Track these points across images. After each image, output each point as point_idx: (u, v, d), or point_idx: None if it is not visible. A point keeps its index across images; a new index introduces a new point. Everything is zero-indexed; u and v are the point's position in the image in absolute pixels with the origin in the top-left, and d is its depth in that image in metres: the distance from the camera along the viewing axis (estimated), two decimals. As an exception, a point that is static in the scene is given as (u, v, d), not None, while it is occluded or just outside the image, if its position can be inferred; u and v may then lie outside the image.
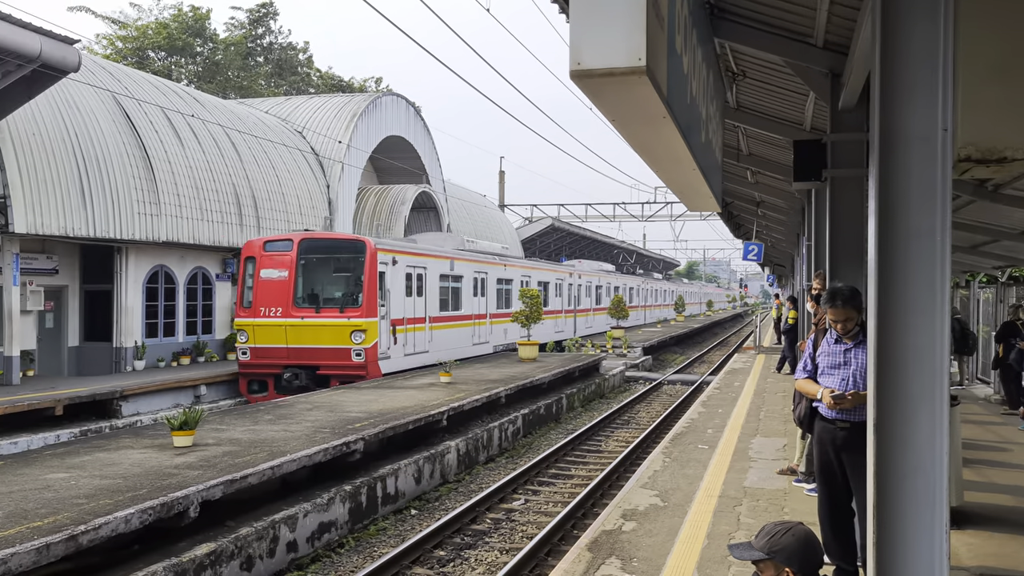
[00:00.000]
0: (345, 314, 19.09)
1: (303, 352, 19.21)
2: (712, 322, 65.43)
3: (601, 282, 44.64)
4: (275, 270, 19.60)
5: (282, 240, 20.21)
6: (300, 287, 19.64)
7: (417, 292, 22.07)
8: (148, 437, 11.19)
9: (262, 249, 19.91)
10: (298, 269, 19.56)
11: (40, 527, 6.97)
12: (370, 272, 19.36)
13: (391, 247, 20.91)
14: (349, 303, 19.37)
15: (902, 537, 3.55)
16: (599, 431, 18.15)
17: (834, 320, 5.82)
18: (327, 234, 20.47)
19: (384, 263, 19.96)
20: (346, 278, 19.99)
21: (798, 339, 19.51)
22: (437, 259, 23.68)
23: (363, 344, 18.94)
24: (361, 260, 19.48)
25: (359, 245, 19.70)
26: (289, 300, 19.31)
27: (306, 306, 19.41)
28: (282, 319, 19.22)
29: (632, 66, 3.12)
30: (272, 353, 19.33)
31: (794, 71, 8.41)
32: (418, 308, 22.19)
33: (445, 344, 23.47)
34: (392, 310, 20.35)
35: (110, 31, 47.11)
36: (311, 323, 19.15)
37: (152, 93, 24.28)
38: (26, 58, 14.07)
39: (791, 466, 9.89)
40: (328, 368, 19.05)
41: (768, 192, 18.25)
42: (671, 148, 4.60)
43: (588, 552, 7.16)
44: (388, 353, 20.06)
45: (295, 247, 19.66)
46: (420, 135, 36.11)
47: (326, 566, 9.40)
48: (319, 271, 20.17)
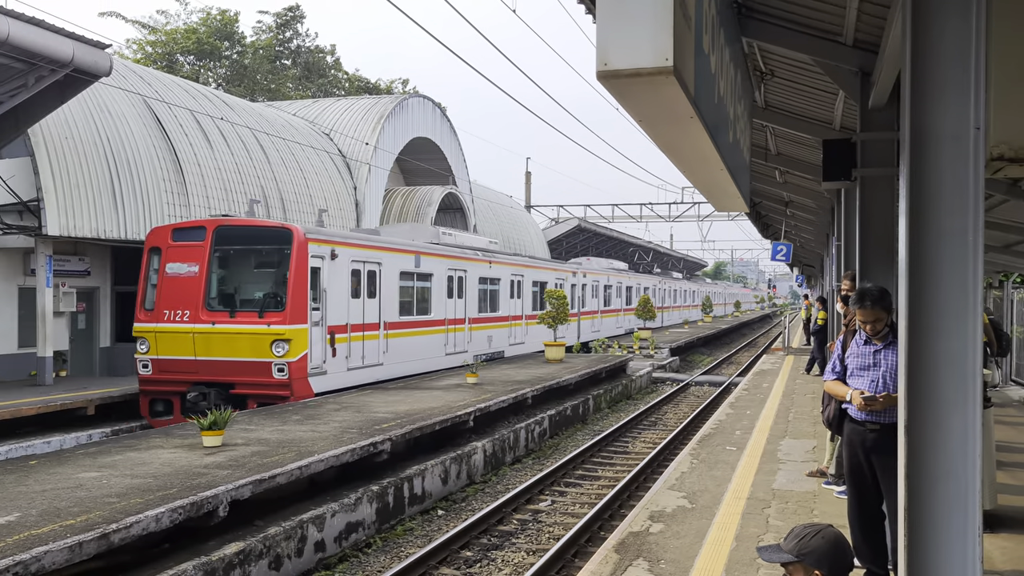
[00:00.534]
0: (265, 320, 15.45)
1: (215, 366, 15.53)
2: (740, 323, 65.02)
3: (611, 281, 40.74)
4: (184, 264, 16.06)
5: (194, 227, 16.60)
6: (213, 285, 16.16)
7: (369, 293, 18.33)
8: (178, 437, 11.31)
9: (169, 238, 16.32)
10: (211, 263, 16.04)
11: (73, 525, 7.06)
12: (298, 267, 15.69)
13: (329, 237, 17.20)
14: (270, 306, 15.70)
15: (934, 541, 3.51)
16: (626, 432, 18.09)
17: (863, 321, 5.77)
18: (248, 220, 16.85)
19: (318, 256, 16.32)
20: (269, 275, 16.36)
21: (827, 340, 19.35)
22: (397, 253, 19.78)
23: (286, 357, 15.23)
24: (287, 252, 15.80)
25: (284, 234, 16.01)
26: (199, 301, 15.76)
27: (220, 309, 15.89)
28: (190, 325, 15.67)
29: (659, 66, 3.11)
30: (178, 367, 15.68)
31: (823, 70, 8.34)
32: (370, 312, 18.36)
33: (407, 354, 19.95)
34: (330, 314, 16.66)
35: (140, 36, 47.71)
36: (224, 330, 15.51)
37: (181, 96, 24.55)
38: (59, 63, 14.26)
39: (820, 468, 9.81)
40: (245, 387, 15.45)
41: (797, 192, 18.11)
42: (698, 148, 4.58)
43: (615, 553, 7.14)
44: (323, 367, 16.39)
45: (208, 236, 16.08)
46: (446, 136, 36.19)
47: (353, 566, 9.45)
48: (237, 266, 16.64)
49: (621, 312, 42.72)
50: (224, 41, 48.82)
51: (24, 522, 7.16)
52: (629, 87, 3.30)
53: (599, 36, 3.18)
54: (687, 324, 54.58)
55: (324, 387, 16.40)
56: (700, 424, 17.10)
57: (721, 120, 4.90)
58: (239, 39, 50.23)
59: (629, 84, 3.25)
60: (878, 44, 7.29)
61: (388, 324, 19.11)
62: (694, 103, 3.64)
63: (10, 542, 6.58)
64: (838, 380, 6.07)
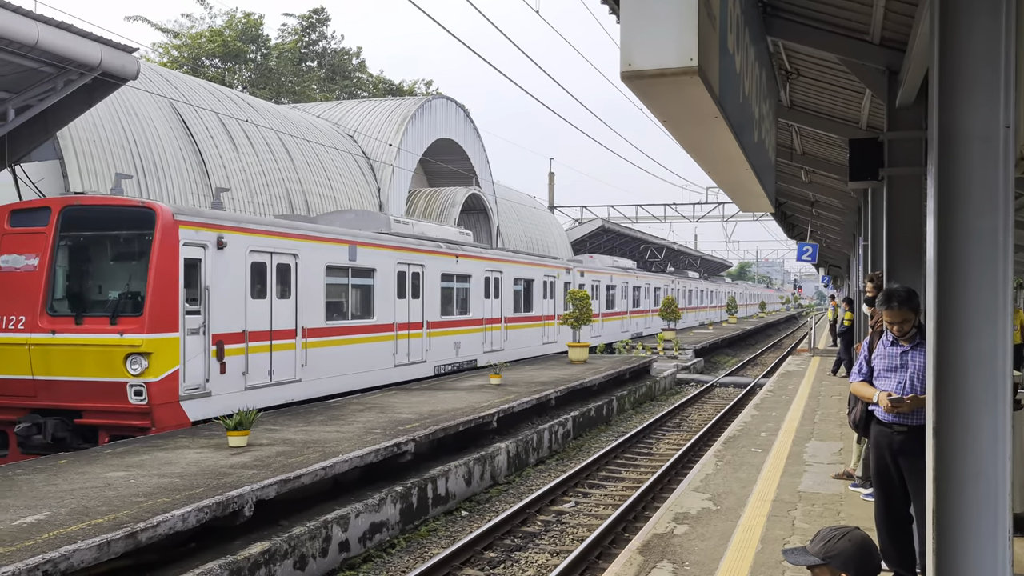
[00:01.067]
0: (118, 327, 11.88)
1: (56, 388, 11.99)
2: (765, 324, 64.60)
3: (615, 281, 36.82)
4: (21, 256, 12.63)
5: (35, 208, 13.07)
6: (57, 283, 12.71)
7: (280, 292, 14.55)
8: (204, 437, 11.40)
9: (6, 222, 12.81)
10: (56, 254, 12.57)
11: (101, 524, 7.14)
12: (162, 258, 12.13)
13: (214, 220, 13.35)
14: (125, 309, 12.09)
15: (963, 544, 3.47)
16: (650, 434, 18.03)
17: (890, 322, 5.71)
18: (103, 199, 13.14)
19: (197, 245, 12.71)
20: (126, 268, 12.73)
21: (854, 341, 19.19)
22: (320, 243, 15.72)
23: (145, 376, 11.68)
24: (148, 239, 12.20)
25: (144, 215, 12.32)
26: (38, 304, 12.23)
27: (64, 314, 12.35)
28: (25, 334, 12.12)
29: (684, 66, 3.10)
30: (11, 388, 12.20)
31: (850, 68, 8.28)
32: (281, 316, 14.53)
33: (336, 367, 16.00)
34: (217, 319, 12.96)
35: (165, 40, 48.19)
36: (67, 341, 11.96)
37: (207, 99, 24.77)
38: (87, 67, 14.42)
39: (847, 470, 9.73)
40: (93, 414, 11.99)
41: (823, 192, 17.98)
42: (723, 148, 4.56)
43: (639, 555, 7.12)
44: (206, 388, 12.73)
45: (53, 220, 12.64)
46: (470, 137, 36.26)
47: (377, 566, 9.48)
48: (90, 257, 13.04)
49: (627, 315, 39.09)
50: (249, 44, 49.21)
51: (53, 520, 7.25)
52: (653, 87, 3.30)
53: (623, 36, 3.18)
54: (711, 326, 54.25)
55: (207, 413, 12.71)
56: (725, 426, 17.01)
57: (746, 120, 4.88)
58: (264, 41, 50.62)
59: (653, 84, 3.24)
60: (905, 42, 7.23)
61: (309, 331, 15.14)
62: (719, 103, 3.63)
63: (40, 540, 6.67)
64: (864, 382, 6.01)
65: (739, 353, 42.57)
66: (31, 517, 7.36)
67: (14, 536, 6.78)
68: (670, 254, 65.22)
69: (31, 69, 14.27)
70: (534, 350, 26.37)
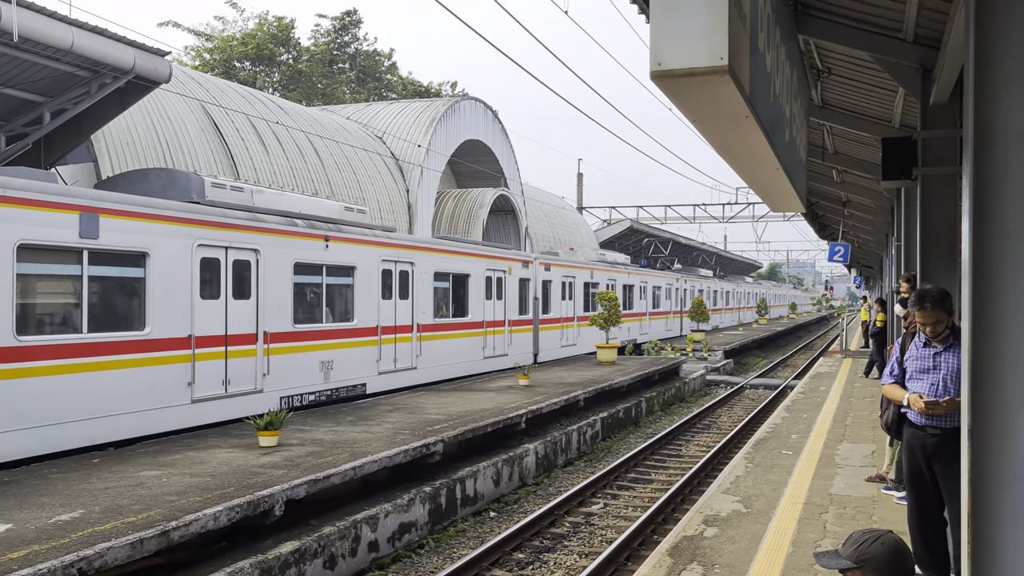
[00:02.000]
0: None
1: None
2: (796, 325, 64.01)
3: (597, 278, 29.53)
4: None
5: None
6: None
7: None
8: (235, 437, 11.50)
9: None
10: None
11: (134, 522, 7.23)
12: None
13: None
14: None
15: (1000, 548, 3.42)
16: (679, 435, 17.94)
17: (923, 323, 5.63)
18: None
19: None
20: None
21: (887, 343, 18.98)
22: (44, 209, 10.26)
23: None
24: None
25: None
26: None
27: None
28: None
29: (714, 65, 3.08)
30: None
31: (882, 67, 8.18)
32: None
33: (67, 409, 10.26)
34: None
35: (197, 43, 48.71)
36: None
37: (238, 102, 25.00)
38: (120, 70, 14.62)
39: (880, 473, 9.62)
40: None
41: (855, 191, 17.79)
42: (753, 148, 4.53)
43: (669, 557, 7.08)
44: None
45: None
46: (498, 138, 36.30)
47: (406, 566, 9.51)
48: None
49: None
50: (280, 47, 49.63)
51: (88, 518, 7.35)
52: (683, 87, 3.28)
53: (653, 36, 3.16)
54: (741, 327, 53.83)
55: None
56: (755, 428, 16.89)
57: (777, 119, 4.84)
58: (295, 44, 51.02)
59: (683, 84, 3.23)
60: (940, 40, 7.13)
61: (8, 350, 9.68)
62: (749, 102, 3.60)
63: (74, 538, 6.77)
64: (897, 384, 5.94)
65: (770, 355, 42.24)
66: (66, 515, 7.47)
67: (49, 534, 6.88)
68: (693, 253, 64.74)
69: (66, 73, 14.49)
70: (475, 369, 20.87)
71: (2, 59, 13.64)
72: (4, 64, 13.85)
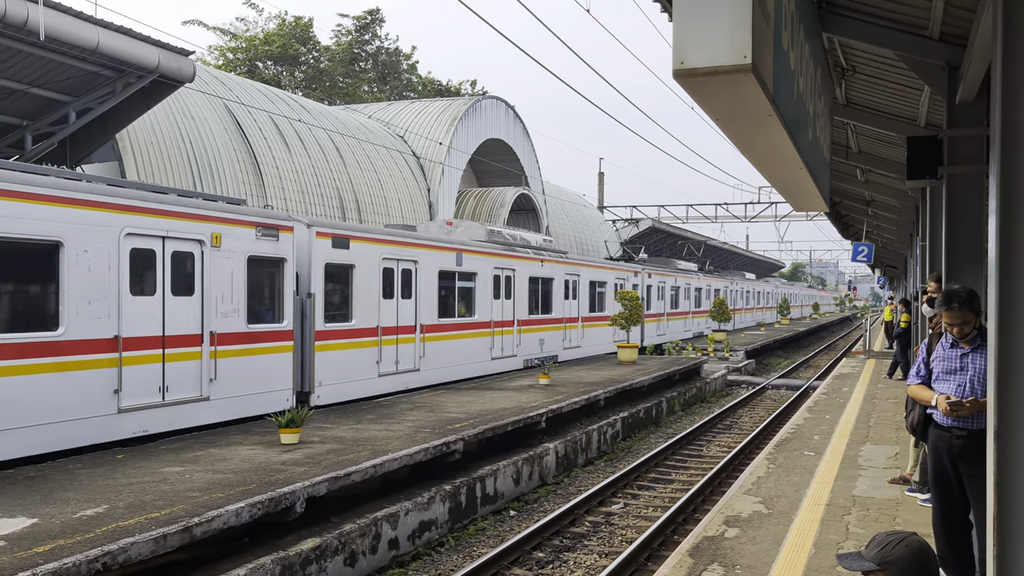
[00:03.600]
0: None
1: None
2: (819, 326, 63.55)
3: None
4: None
5: None
6: None
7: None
8: (256, 434, 11.57)
9: None
10: None
11: (157, 518, 7.29)
12: None
13: None
14: None
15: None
16: (700, 435, 17.87)
17: (950, 324, 5.58)
18: None
19: None
20: None
21: (911, 343, 18.81)
22: None
23: None
24: None
25: None
26: None
27: None
28: None
29: (737, 64, 3.06)
30: None
31: (908, 65, 8.10)
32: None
33: None
34: None
35: (221, 42, 49.05)
36: None
37: (260, 101, 25.16)
38: (145, 70, 14.76)
39: (904, 475, 9.54)
40: None
41: (879, 191, 17.64)
42: (777, 147, 4.50)
43: (689, 558, 7.06)
44: None
45: None
46: (519, 137, 36.31)
47: (426, 564, 9.53)
48: None
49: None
50: (302, 45, 49.87)
51: (112, 514, 7.42)
52: (706, 86, 3.27)
53: (676, 34, 3.15)
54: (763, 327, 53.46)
55: None
56: (777, 428, 16.80)
57: (800, 118, 4.80)
58: (315, 44, 51.24)
59: (706, 83, 3.21)
60: (966, 37, 7.06)
61: None
62: (773, 101, 3.58)
63: (99, 532, 6.83)
64: (923, 384, 5.89)
65: (792, 355, 41.97)
66: (91, 510, 7.54)
67: (74, 528, 6.95)
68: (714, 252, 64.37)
69: (91, 72, 14.64)
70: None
71: (29, 59, 13.79)
72: (31, 64, 14.01)
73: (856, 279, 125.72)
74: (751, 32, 3.04)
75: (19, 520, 7.20)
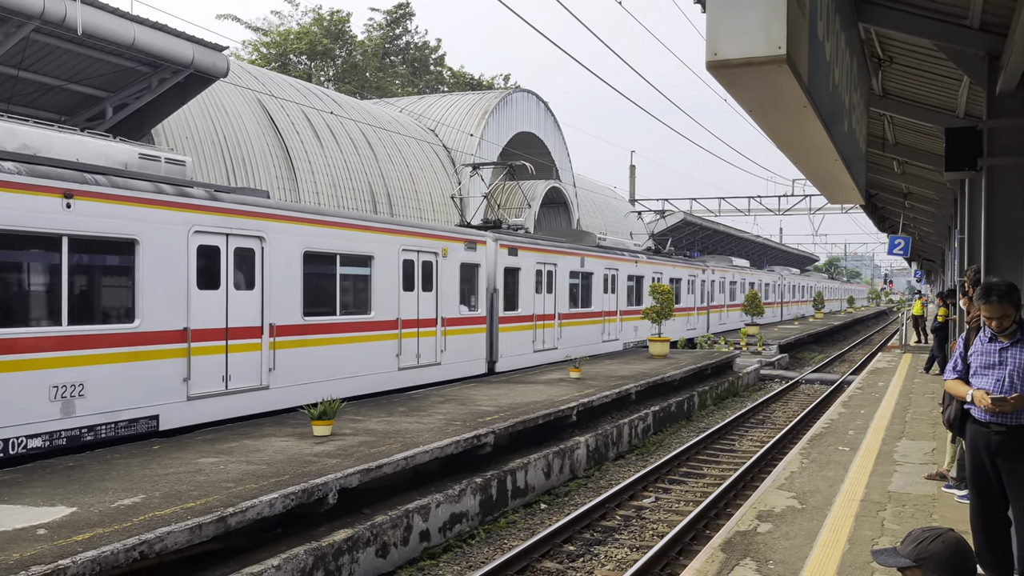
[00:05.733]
0: None
1: None
2: (853, 319, 62.84)
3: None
4: None
5: None
6: None
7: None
8: (289, 426, 11.67)
9: None
10: None
11: (193, 508, 7.39)
12: None
13: None
14: None
15: (1067, 551, 3.31)
16: (732, 430, 17.75)
17: (988, 317, 5.48)
18: None
19: None
20: None
21: (948, 338, 18.55)
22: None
23: None
24: None
25: None
26: None
27: None
28: None
29: (771, 55, 3.03)
30: None
31: (946, 55, 7.97)
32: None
33: None
34: None
35: (254, 37, 49.43)
36: None
37: (293, 96, 25.33)
38: (180, 65, 14.93)
39: (940, 471, 9.41)
40: None
41: (916, 183, 17.40)
42: (812, 138, 4.45)
43: (721, 552, 7.02)
44: None
45: None
46: (550, 130, 36.24)
47: (457, 556, 9.57)
48: None
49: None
50: (336, 40, 50.13)
51: (148, 503, 7.53)
52: (740, 77, 3.24)
53: (709, 26, 3.12)
54: (796, 321, 52.92)
55: None
56: (810, 423, 16.64)
57: (836, 109, 4.74)
58: (350, 38, 51.49)
59: (740, 74, 3.18)
60: (1007, 27, 6.92)
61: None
62: (808, 92, 3.54)
63: (136, 522, 6.94)
64: (959, 379, 5.80)
65: (826, 349, 41.55)
66: (128, 499, 7.66)
67: (112, 518, 7.06)
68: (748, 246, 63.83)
69: (127, 68, 14.83)
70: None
71: (67, 55, 14.00)
72: (69, 60, 14.22)
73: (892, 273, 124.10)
74: (785, 22, 3.00)
75: (59, 509, 7.33)
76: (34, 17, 12.24)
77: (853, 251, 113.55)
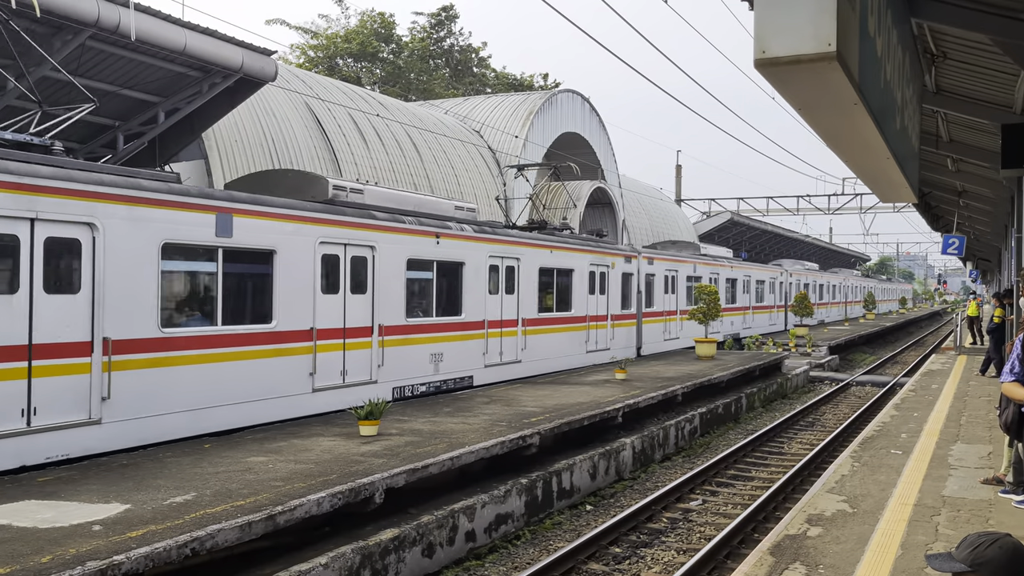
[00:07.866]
0: None
1: None
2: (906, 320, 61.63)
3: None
4: None
5: None
6: None
7: None
8: (337, 426, 11.79)
9: None
10: None
11: (243, 506, 7.50)
12: None
13: None
14: None
15: None
16: (781, 432, 17.52)
17: (1048, 319, 5.34)
18: None
19: None
20: None
21: (1004, 339, 18.11)
22: None
23: None
24: None
25: None
26: None
27: None
28: None
29: (821, 52, 2.99)
30: None
31: (1003, 50, 7.78)
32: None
33: None
34: None
35: (303, 41, 50.04)
36: None
37: (340, 99, 25.60)
38: (230, 70, 15.16)
39: (997, 475, 9.18)
40: None
41: (971, 181, 17.01)
42: (862, 136, 4.37)
43: (770, 556, 6.92)
44: None
45: None
46: (595, 131, 36.12)
47: (503, 556, 9.58)
48: None
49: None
50: (384, 43, 50.55)
51: (199, 501, 7.66)
52: (788, 74, 3.19)
53: (757, 23, 3.08)
54: (847, 322, 52.05)
55: None
56: (861, 426, 16.36)
57: (888, 106, 4.65)
58: (396, 40, 51.89)
59: (789, 71, 3.14)
60: (1066, 19, 6.74)
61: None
62: (858, 89, 3.48)
63: (187, 519, 7.06)
64: (1017, 382, 5.65)
65: (877, 351, 40.82)
66: (180, 497, 7.80)
67: (164, 515, 7.20)
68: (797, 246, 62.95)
69: (179, 73, 15.10)
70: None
71: (120, 61, 14.30)
72: (123, 66, 14.52)
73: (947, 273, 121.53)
74: (836, 19, 2.95)
75: (113, 506, 7.49)
76: (90, 24, 12.52)
77: (906, 251, 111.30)
